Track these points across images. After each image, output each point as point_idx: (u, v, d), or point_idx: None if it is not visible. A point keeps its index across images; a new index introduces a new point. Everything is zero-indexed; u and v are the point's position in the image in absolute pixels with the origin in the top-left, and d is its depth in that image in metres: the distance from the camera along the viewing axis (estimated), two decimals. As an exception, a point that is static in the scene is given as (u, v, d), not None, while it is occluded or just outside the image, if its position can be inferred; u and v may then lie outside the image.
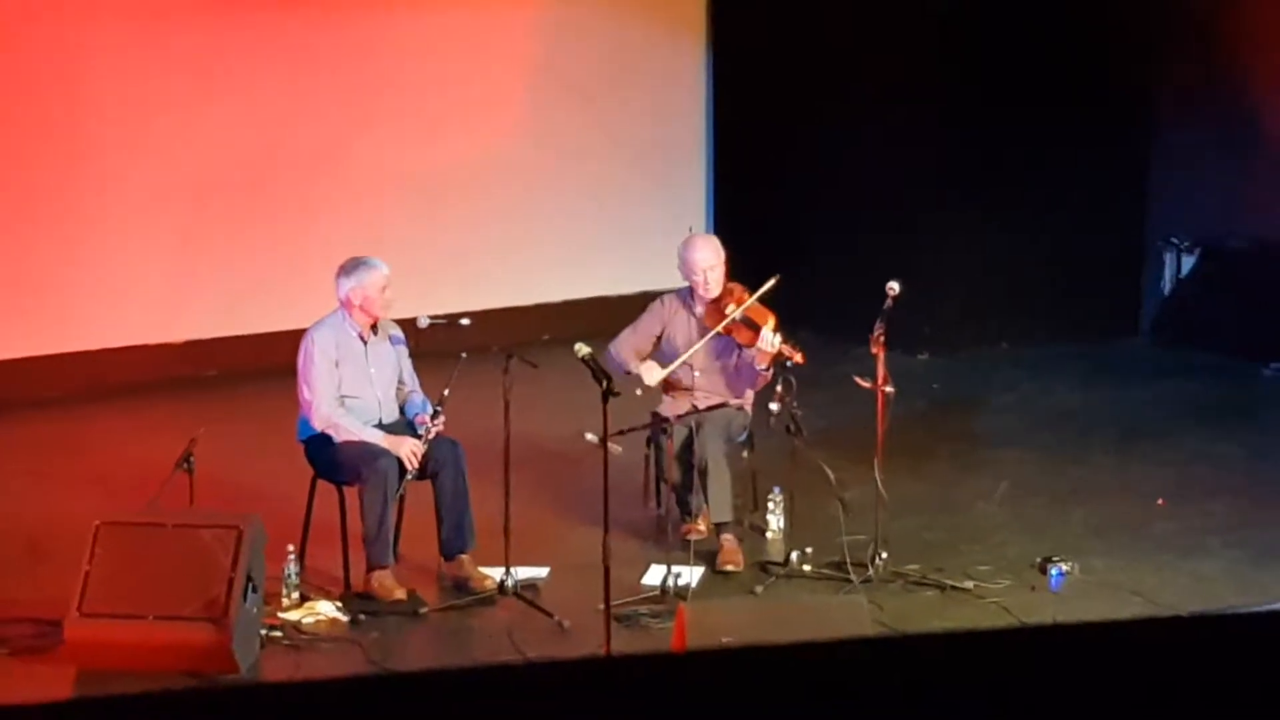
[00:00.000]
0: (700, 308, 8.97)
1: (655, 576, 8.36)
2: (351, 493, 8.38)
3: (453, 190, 12.60)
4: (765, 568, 8.65)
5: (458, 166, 12.61)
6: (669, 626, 7.70)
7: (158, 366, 11.69)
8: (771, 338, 8.69)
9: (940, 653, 3.11)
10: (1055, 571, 8.44)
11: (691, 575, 8.34)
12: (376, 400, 8.54)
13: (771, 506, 9.03)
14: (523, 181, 12.80)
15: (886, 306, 8.48)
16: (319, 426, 8.43)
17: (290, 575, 8.15)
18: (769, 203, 13.12)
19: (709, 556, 8.64)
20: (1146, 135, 12.75)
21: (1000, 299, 12.47)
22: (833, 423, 9.70)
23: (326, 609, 8.13)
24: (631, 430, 8.47)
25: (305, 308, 9.24)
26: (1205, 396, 11.31)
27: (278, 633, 7.90)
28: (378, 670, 7.47)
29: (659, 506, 9.07)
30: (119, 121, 11.58)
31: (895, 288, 8.47)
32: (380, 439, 8.37)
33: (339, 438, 8.39)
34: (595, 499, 7.88)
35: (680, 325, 9.00)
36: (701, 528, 8.77)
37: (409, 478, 8.33)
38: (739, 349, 8.91)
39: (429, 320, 8.57)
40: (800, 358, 8.66)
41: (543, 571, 8.54)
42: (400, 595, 8.25)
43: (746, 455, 9.08)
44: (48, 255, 11.50)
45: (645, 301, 9.30)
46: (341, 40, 12.21)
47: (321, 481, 8.52)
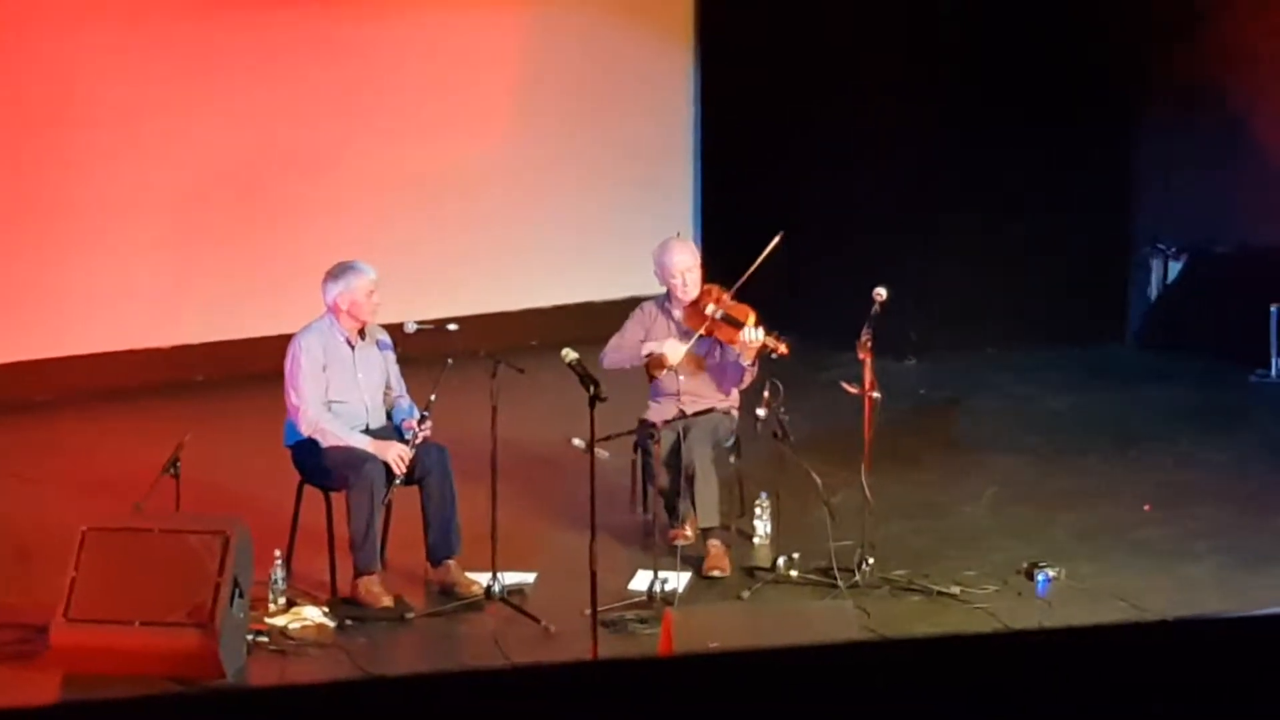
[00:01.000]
0: (678, 311, 8.97)
1: (642, 582, 8.36)
2: (338, 498, 8.38)
3: (440, 195, 12.59)
4: (752, 573, 8.65)
5: (445, 171, 12.60)
6: (656, 632, 7.70)
7: (145, 371, 11.67)
8: (754, 332, 8.68)
9: (926, 657, 3.11)
10: (1041, 577, 8.43)
11: (678, 580, 8.33)
12: (364, 405, 8.53)
13: (759, 512, 9.03)
14: (511, 186, 12.80)
15: (874, 312, 8.48)
16: (306, 432, 8.43)
17: (277, 580, 8.15)
18: (756, 207, 13.08)
19: (696, 562, 8.64)
20: (1133, 141, 12.75)
21: (987, 304, 12.47)
22: (819, 428, 9.71)
23: (313, 614, 8.12)
24: (618, 435, 8.47)
25: (293, 313, 9.22)
26: (1191, 402, 11.32)
27: (264, 638, 7.90)
28: (364, 675, 7.45)
29: (646, 512, 9.08)
30: (108, 126, 11.56)
31: (882, 293, 8.47)
32: (367, 444, 8.36)
33: (326, 443, 8.39)
34: (582, 504, 7.89)
35: (660, 331, 8.99)
36: (689, 533, 8.76)
37: (396, 483, 8.32)
38: (721, 348, 8.91)
39: (416, 325, 8.55)
40: (785, 349, 8.67)
41: (530, 577, 8.53)
42: (387, 601, 8.25)
43: (734, 460, 9.08)
44: (36, 259, 11.48)
45: (632, 306, 9.29)
46: (330, 45, 12.19)
47: (308, 487, 8.51)
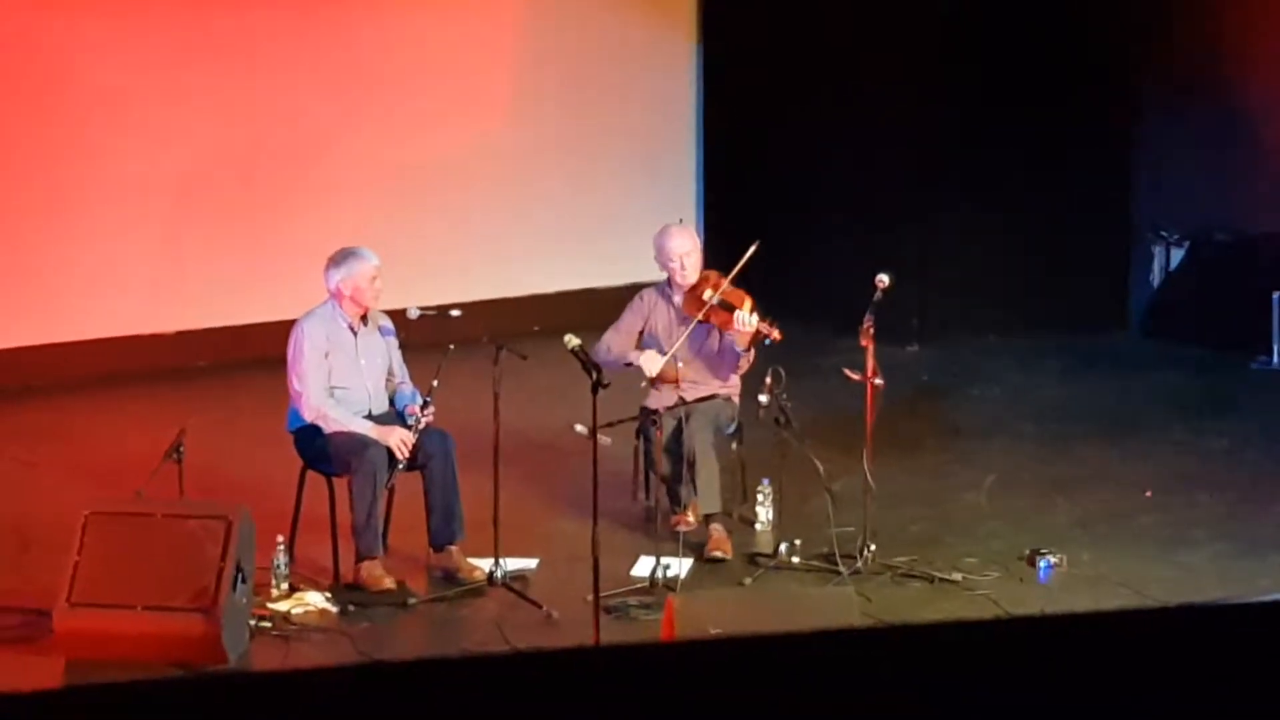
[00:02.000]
0: (678, 297, 8.98)
1: (644, 568, 8.37)
2: (341, 483, 8.38)
3: (443, 181, 12.59)
4: (754, 559, 8.66)
5: (448, 157, 12.60)
6: (658, 618, 7.71)
7: (148, 357, 11.68)
8: (748, 317, 8.68)
9: (926, 643, 3.12)
10: (1043, 564, 8.45)
11: (680, 567, 8.34)
12: (366, 391, 8.54)
13: (760, 498, 9.03)
14: (513, 173, 12.80)
15: (876, 299, 8.48)
16: (308, 417, 8.44)
17: (279, 566, 8.16)
18: (758, 194, 13.12)
19: (698, 548, 8.65)
20: (1135, 128, 12.76)
21: (989, 292, 12.48)
22: (821, 414, 9.70)
23: (315, 599, 8.13)
24: (620, 422, 8.47)
25: (295, 299, 9.22)
26: (1193, 389, 11.32)
27: (267, 623, 7.90)
28: (366, 660, 7.47)
29: (648, 498, 9.08)
30: (108, 113, 11.56)
31: (885, 280, 8.47)
32: (369, 429, 8.37)
33: (328, 429, 8.39)
34: (584, 490, 7.90)
35: (661, 317, 9.01)
36: (691, 519, 8.78)
37: (399, 468, 8.32)
38: (719, 334, 8.92)
39: (419, 311, 8.55)
40: (778, 334, 8.66)
41: (532, 563, 8.54)
42: (389, 586, 8.25)
43: (735, 447, 9.09)
44: (37, 245, 11.49)
45: (635, 292, 9.29)
46: (330, 31, 12.19)
47: (311, 472, 8.52)
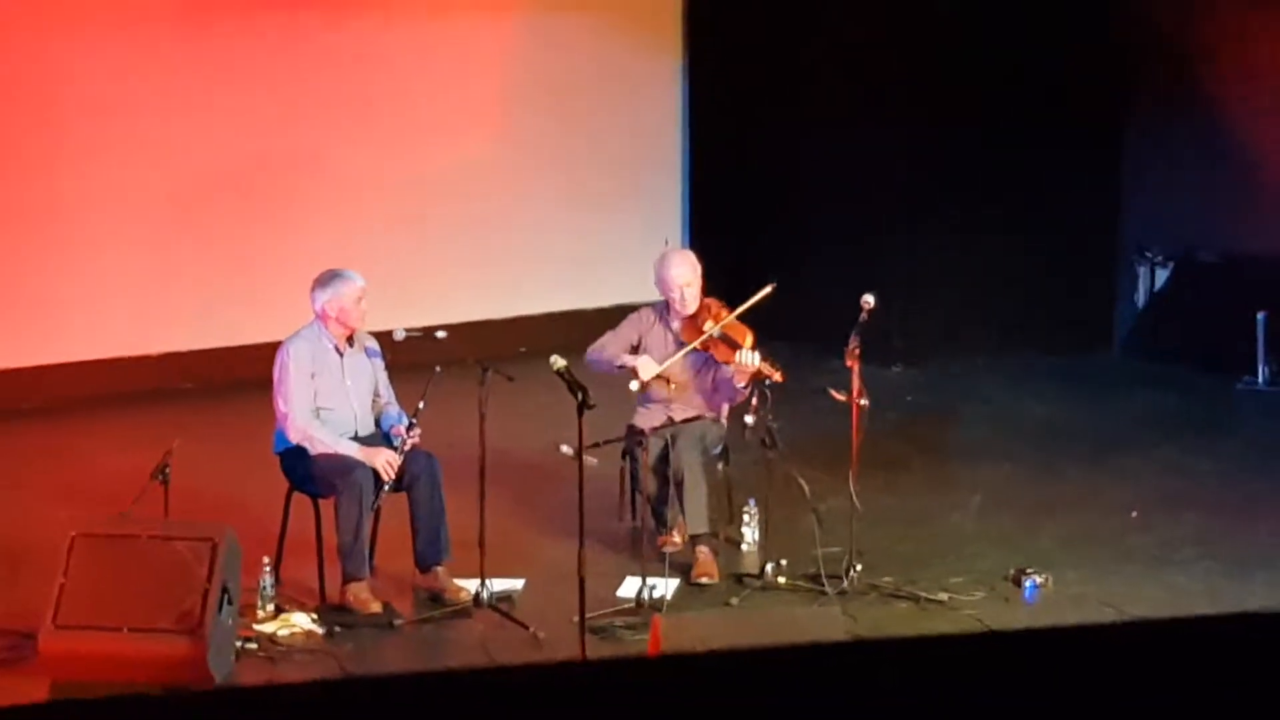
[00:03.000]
0: (677, 323, 8.97)
1: (630, 588, 8.38)
2: (327, 505, 8.38)
3: (429, 202, 12.60)
4: (740, 580, 8.67)
5: (434, 178, 12.61)
6: (644, 638, 7.71)
7: (134, 378, 11.67)
8: (750, 355, 8.65)
9: (906, 658, 3.13)
10: (1029, 583, 8.46)
11: (666, 587, 8.35)
12: (352, 412, 8.54)
13: (746, 519, 9.04)
14: (499, 193, 12.81)
15: (861, 319, 8.50)
16: (294, 439, 8.44)
17: (265, 587, 8.16)
18: (744, 214, 13.14)
19: (684, 568, 8.65)
20: (1120, 149, 12.78)
21: (974, 312, 12.50)
22: (807, 435, 9.71)
23: (302, 621, 8.13)
24: (607, 443, 8.48)
25: (281, 320, 9.23)
26: (1178, 409, 11.34)
27: (253, 645, 7.90)
28: (349, 675, 7.45)
29: (634, 518, 9.08)
30: (97, 131, 11.56)
31: (870, 301, 8.49)
32: (356, 451, 8.37)
33: (314, 450, 8.40)
34: (571, 511, 7.90)
35: (656, 339, 9.00)
36: (677, 539, 8.78)
37: (385, 490, 8.32)
38: (716, 366, 8.91)
39: (405, 333, 8.56)
40: (780, 376, 8.62)
41: (518, 583, 8.54)
42: (376, 607, 8.26)
43: (722, 467, 9.10)
44: (24, 266, 11.48)
45: (621, 313, 9.31)
46: (317, 51, 12.20)
47: (297, 494, 8.52)
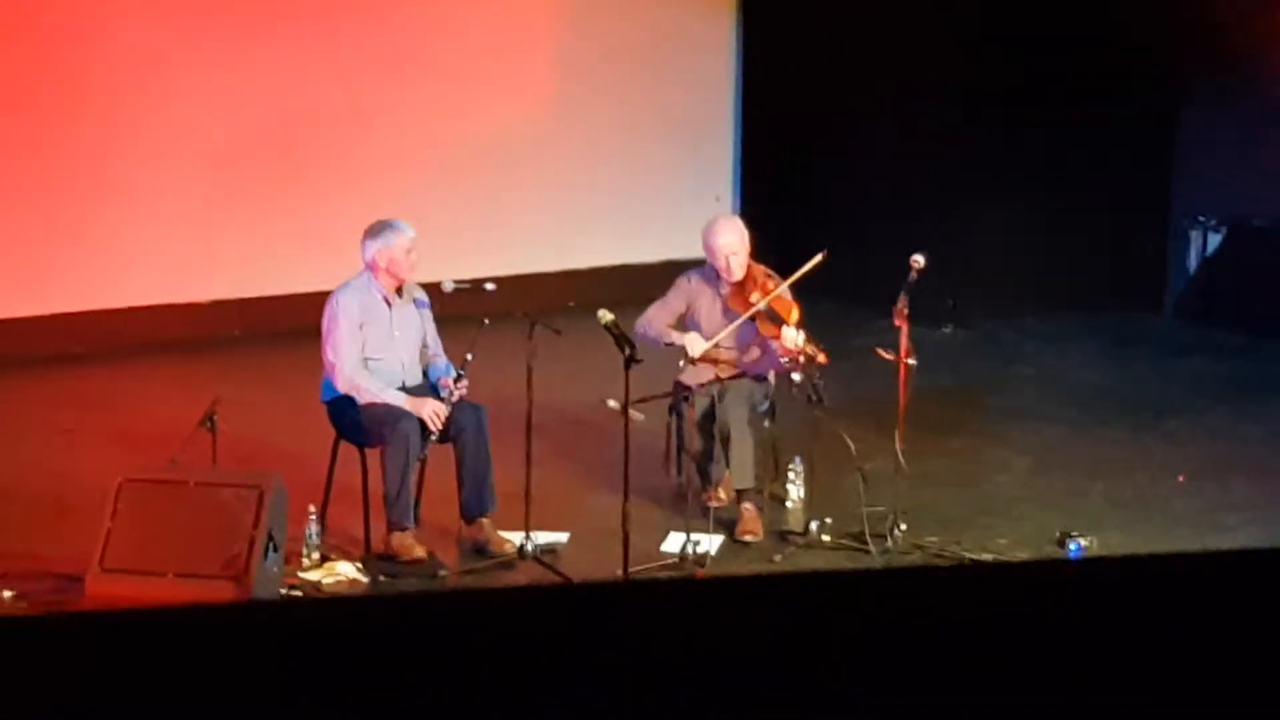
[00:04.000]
0: (725, 289, 8.91)
1: (674, 544, 8.39)
2: (373, 454, 8.41)
3: (480, 156, 12.61)
4: (784, 537, 8.68)
5: (486, 132, 12.62)
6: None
7: (184, 325, 11.73)
8: (795, 335, 8.54)
9: (940, 585, 3.14)
10: (1074, 546, 8.45)
11: (710, 543, 8.36)
12: (400, 363, 8.56)
13: (791, 476, 9.04)
14: (550, 149, 12.81)
15: (911, 279, 8.47)
16: (342, 388, 8.46)
17: (311, 535, 8.19)
18: (796, 173, 13.12)
19: (728, 524, 8.66)
20: (1174, 114, 12.72)
21: (1025, 274, 12.46)
22: (854, 394, 9.70)
23: (346, 569, 8.17)
24: (653, 398, 8.48)
25: (332, 270, 9.25)
26: (1228, 374, 11.30)
27: (297, 592, 7.94)
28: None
29: (679, 474, 9.08)
30: (152, 81, 11.60)
31: (920, 261, 8.46)
32: (403, 401, 8.39)
33: (362, 400, 8.42)
34: (616, 466, 7.92)
35: (705, 303, 8.91)
36: (722, 495, 8.78)
37: (431, 440, 8.34)
38: (763, 337, 8.84)
39: (454, 284, 8.55)
40: (823, 358, 8.51)
41: (563, 537, 8.56)
42: (420, 555, 8.28)
43: (768, 424, 9.08)
44: (77, 212, 11.54)
45: (670, 269, 9.29)
46: (374, 9, 12.21)
47: (344, 443, 8.55)
